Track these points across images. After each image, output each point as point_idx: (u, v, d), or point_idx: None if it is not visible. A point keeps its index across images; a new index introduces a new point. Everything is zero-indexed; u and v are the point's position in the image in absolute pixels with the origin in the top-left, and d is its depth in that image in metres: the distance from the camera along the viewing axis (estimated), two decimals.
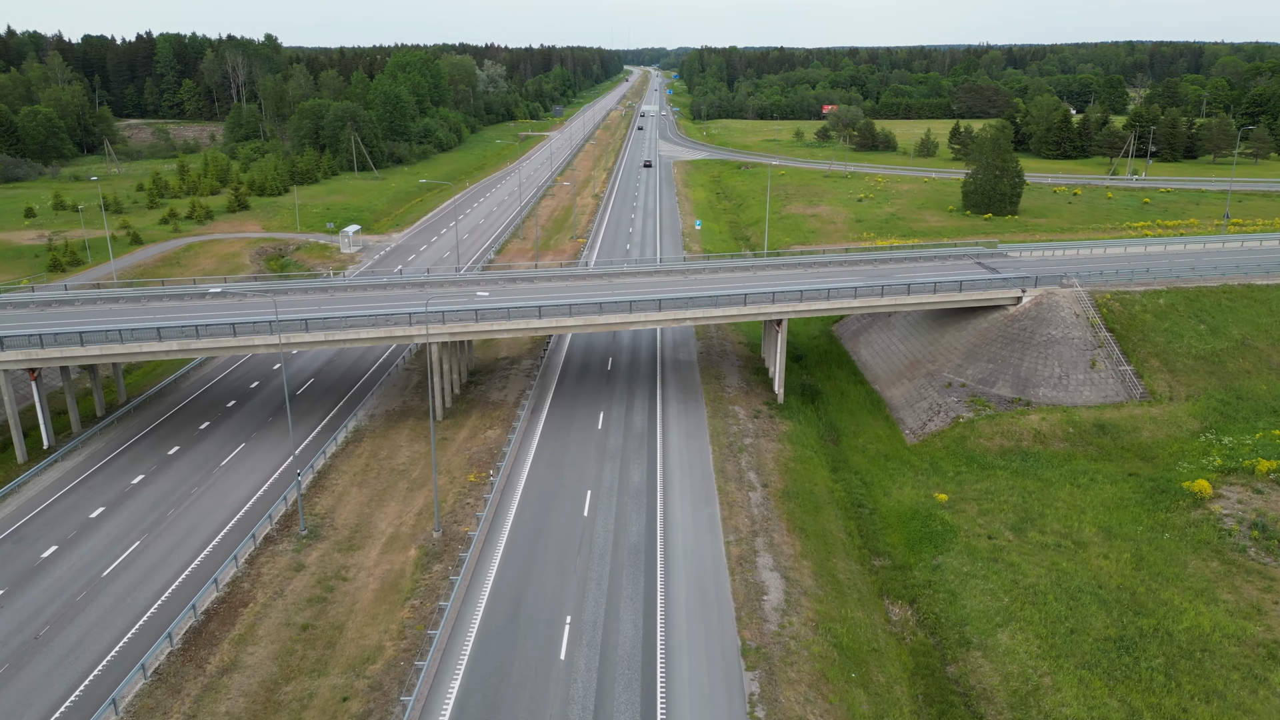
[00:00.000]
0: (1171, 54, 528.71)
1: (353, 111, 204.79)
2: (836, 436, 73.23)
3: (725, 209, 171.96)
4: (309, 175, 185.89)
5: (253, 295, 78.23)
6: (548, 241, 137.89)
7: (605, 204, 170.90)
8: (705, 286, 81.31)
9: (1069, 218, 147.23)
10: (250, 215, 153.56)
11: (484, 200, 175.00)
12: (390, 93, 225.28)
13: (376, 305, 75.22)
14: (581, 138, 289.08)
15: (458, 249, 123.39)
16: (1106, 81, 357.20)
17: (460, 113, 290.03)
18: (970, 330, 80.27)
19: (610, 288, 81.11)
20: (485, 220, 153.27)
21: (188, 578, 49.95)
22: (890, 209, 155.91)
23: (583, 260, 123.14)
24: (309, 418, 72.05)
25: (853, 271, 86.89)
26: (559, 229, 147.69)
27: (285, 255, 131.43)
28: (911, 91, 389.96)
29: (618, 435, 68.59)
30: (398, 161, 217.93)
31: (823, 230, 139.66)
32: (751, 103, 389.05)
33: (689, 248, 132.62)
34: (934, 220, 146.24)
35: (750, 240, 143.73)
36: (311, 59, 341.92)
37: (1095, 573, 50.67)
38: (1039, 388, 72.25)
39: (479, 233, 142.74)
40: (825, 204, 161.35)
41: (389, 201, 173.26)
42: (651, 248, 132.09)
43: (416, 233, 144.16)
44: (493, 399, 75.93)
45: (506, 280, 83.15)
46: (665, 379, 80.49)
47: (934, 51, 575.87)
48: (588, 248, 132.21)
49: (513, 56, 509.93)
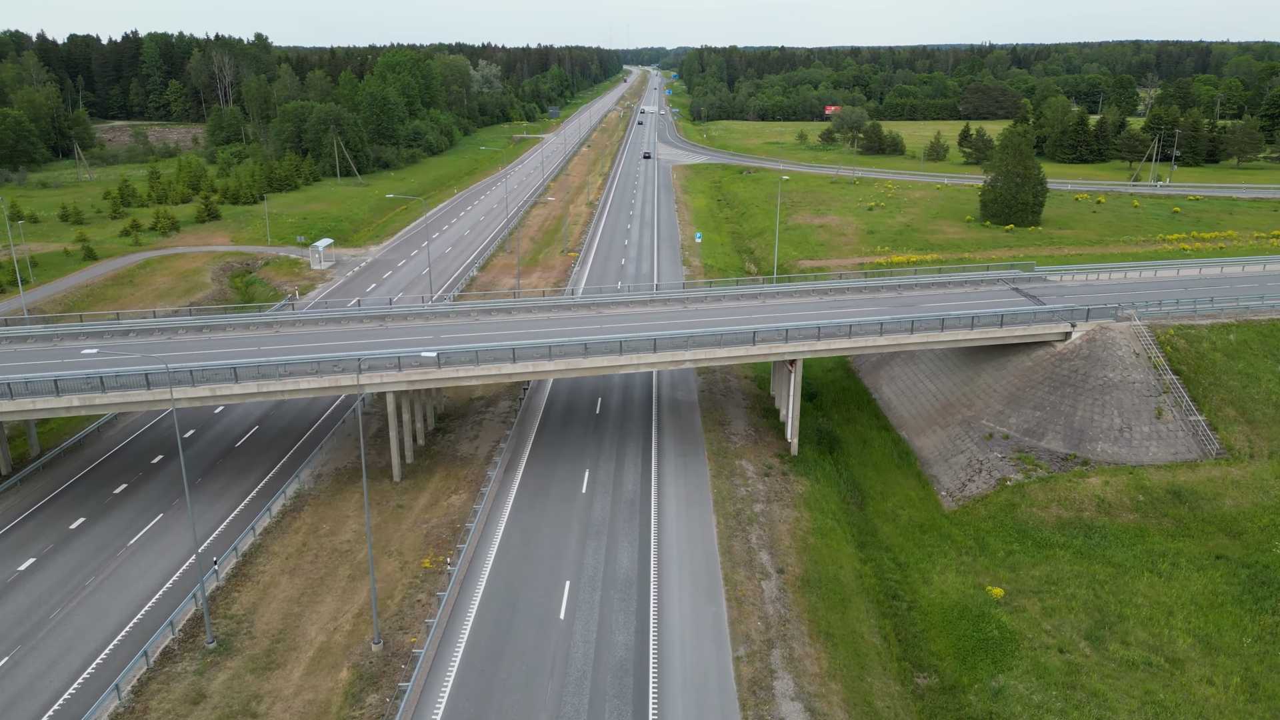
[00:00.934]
0: (1178, 53, 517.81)
1: (336, 114, 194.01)
2: (861, 498, 62.54)
3: (727, 218, 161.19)
4: (287, 181, 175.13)
5: (184, 332, 67.49)
6: (536, 256, 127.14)
7: (600, 212, 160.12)
8: (707, 319, 70.62)
9: (1096, 229, 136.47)
10: (220, 226, 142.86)
11: (472, 208, 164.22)
12: (377, 94, 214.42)
13: (330, 343, 64.57)
14: (577, 141, 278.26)
15: (430, 273, 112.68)
16: (1116, 82, 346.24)
17: (453, 114, 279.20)
18: (1011, 370, 69.58)
19: (599, 320, 70.42)
20: (471, 231, 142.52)
21: (53, 718, 39.23)
22: (903, 219, 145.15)
23: (572, 282, 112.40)
24: (244, 478, 61.31)
25: (874, 300, 76.15)
26: (549, 241, 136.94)
27: (252, 271, 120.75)
28: (916, 92, 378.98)
29: (605, 501, 57.92)
30: (384, 166, 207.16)
31: (832, 243, 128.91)
32: (753, 103, 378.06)
33: (688, 262, 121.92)
34: (951, 232, 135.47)
35: (754, 253, 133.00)
36: (302, 59, 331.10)
37: (1200, 706, 40.00)
38: (1096, 441, 61.55)
39: (463, 245, 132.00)
40: (834, 213, 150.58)
41: (371, 210, 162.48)
42: (649, 262, 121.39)
43: (397, 245, 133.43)
44: (462, 452, 65.20)
45: (480, 312, 72.38)
46: (662, 425, 69.78)
47: (936, 51, 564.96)
48: (579, 263, 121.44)
49: (509, 56, 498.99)
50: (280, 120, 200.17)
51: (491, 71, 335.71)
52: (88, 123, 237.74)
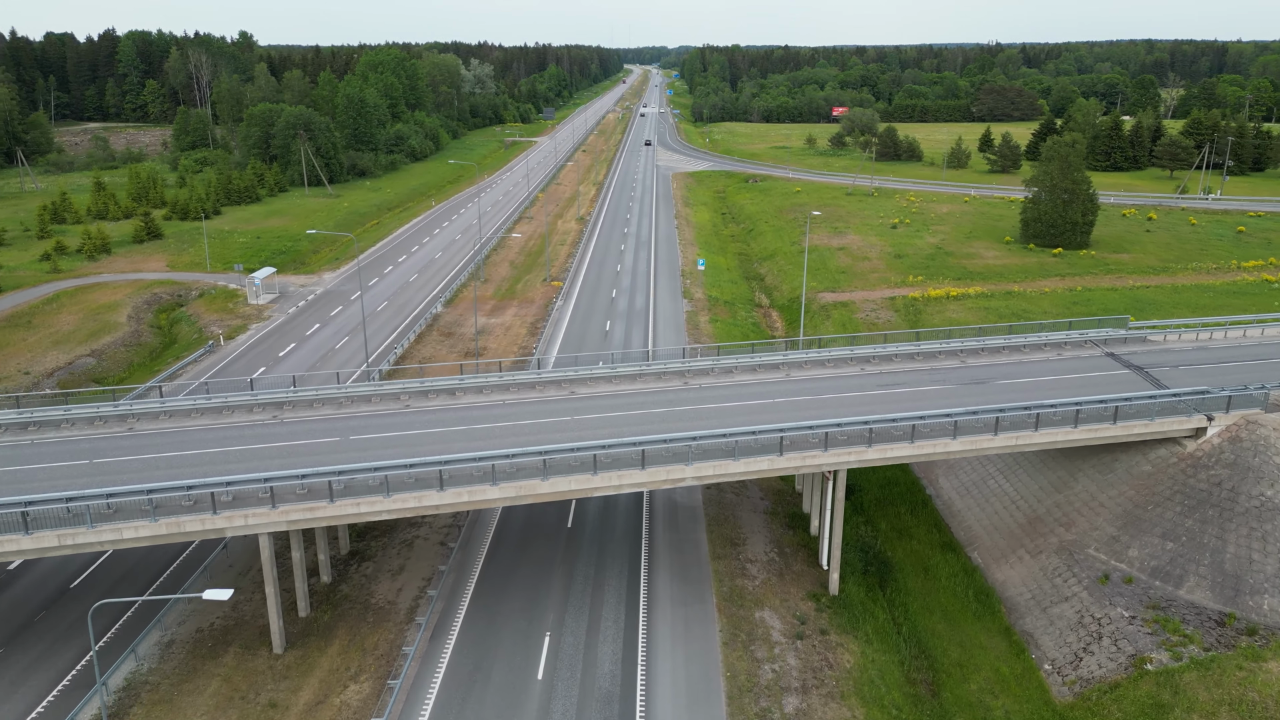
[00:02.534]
0: (1193, 53, 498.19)
1: (307, 118, 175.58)
2: (932, 673, 44.31)
3: (733, 236, 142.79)
4: (248, 193, 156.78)
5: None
6: (514, 285, 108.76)
7: (591, 230, 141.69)
8: (715, 401, 52.43)
9: (1155, 253, 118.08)
10: (160, 247, 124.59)
11: (450, 224, 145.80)
12: (354, 96, 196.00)
13: (195, 450, 46.39)
14: (572, 145, 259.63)
15: (365, 333, 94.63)
16: (1137, 82, 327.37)
17: (441, 116, 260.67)
18: (1122, 475, 51.29)
19: (571, 404, 52.21)
20: (443, 253, 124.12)
21: None
22: (933, 239, 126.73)
23: (553, 321, 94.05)
24: (59, 652, 43.04)
25: (933, 371, 57.86)
26: (531, 266, 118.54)
27: (184, 304, 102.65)
28: (927, 93, 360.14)
29: (569, 693, 39.75)
30: (361, 174, 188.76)
31: (855, 269, 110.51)
32: (756, 104, 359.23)
33: (689, 293, 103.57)
34: (990, 256, 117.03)
35: (765, 281, 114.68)
36: (285, 58, 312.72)
37: None
38: (1262, 595, 43.32)
39: (431, 272, 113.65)
40: (854, 231, 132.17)
41: (337, 225, 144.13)
42: (643, 294, 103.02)
43: (357, 270, 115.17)
44: (378, 598, 46.97)
45: (415, 394, 54.10)
46: (654, 548, 51.56)
47: (944, 50, 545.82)
48: (563, 295, 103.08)
49: (506, 55, 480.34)
50: (248, 124, 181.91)
51: (484, 71, 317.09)
52: (46, 126, 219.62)
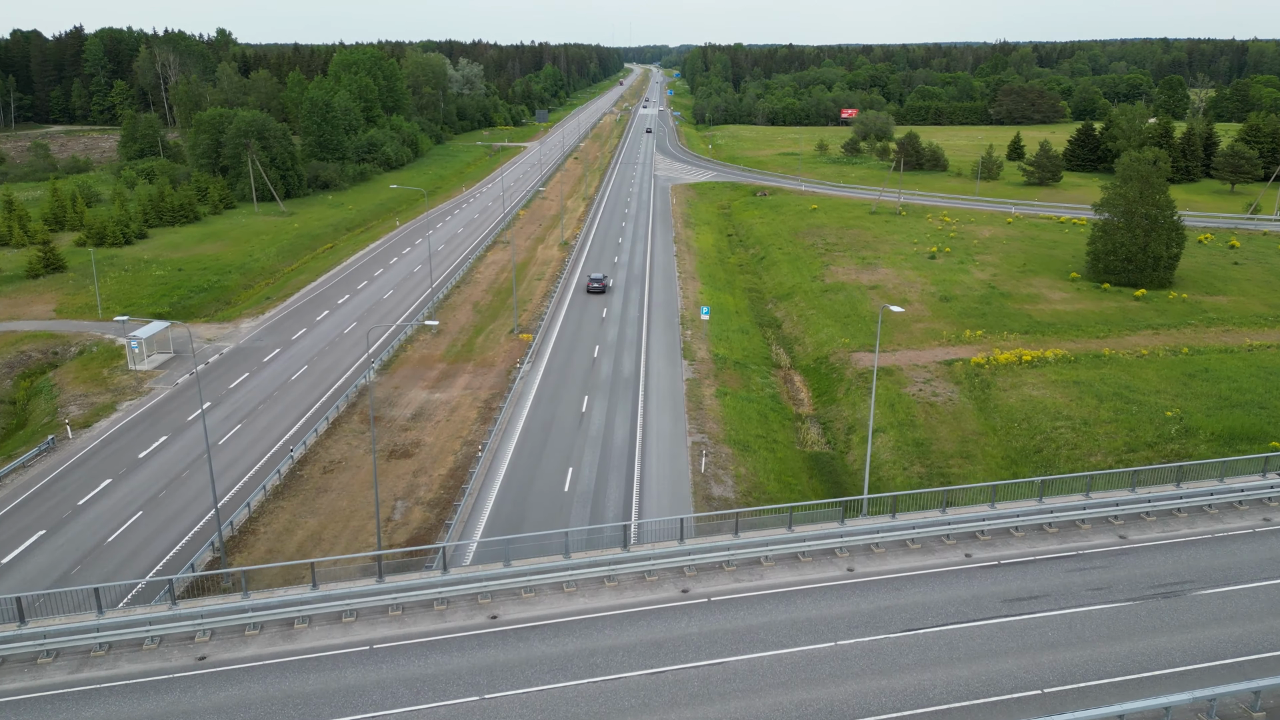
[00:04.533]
0: (1212, 51, 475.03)
1: (261, 124, 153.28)
2: None
3: (741, 265, 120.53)
4: (185, 212, 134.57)
5: None
6: (475, 338, 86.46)
7: (576, 258, 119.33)
8: (735, 646, 30.30)
9: (1256, 294, 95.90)
10: (56, 283, 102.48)
11: (411, 250, 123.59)
12: (318, 100, 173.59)
13: None
14: (563, 152, 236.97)
15: (212, 460, 72.34)
16: (1165, 82, 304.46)
17: (424, 119, 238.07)
18: None
19: (496, 647, 30.09)
20: (394, 292, 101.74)
21: None
22: (981, 273, 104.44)
23: (515, 394, 71.56)
24: None
25: (1079, 560, 35.73)
26: (499, 311, 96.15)
27: (59, 363, 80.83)
28: (940, 94, 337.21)
29: None
30: (323, 187, 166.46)
31: (895, 318, 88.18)
32: (761, 106, 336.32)
33: (690, 351, 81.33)
34: (1057, 298, 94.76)
35: (783, 330, 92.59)
36: (260, 56, 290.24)
37: None
38: None
39: (375, 318, 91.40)
40: (885, 262, 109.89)
41: (281, 252, 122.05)
42: (633, 355, 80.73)
43: (287, 314, 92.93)
44: None
45: (224, 634, 31.92)
46: None
47: (953, 49, 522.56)
48: (532, 356, 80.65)
49: (501, 54, 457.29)
50: (196, 131, 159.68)
51: (473, 71, 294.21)
52: None
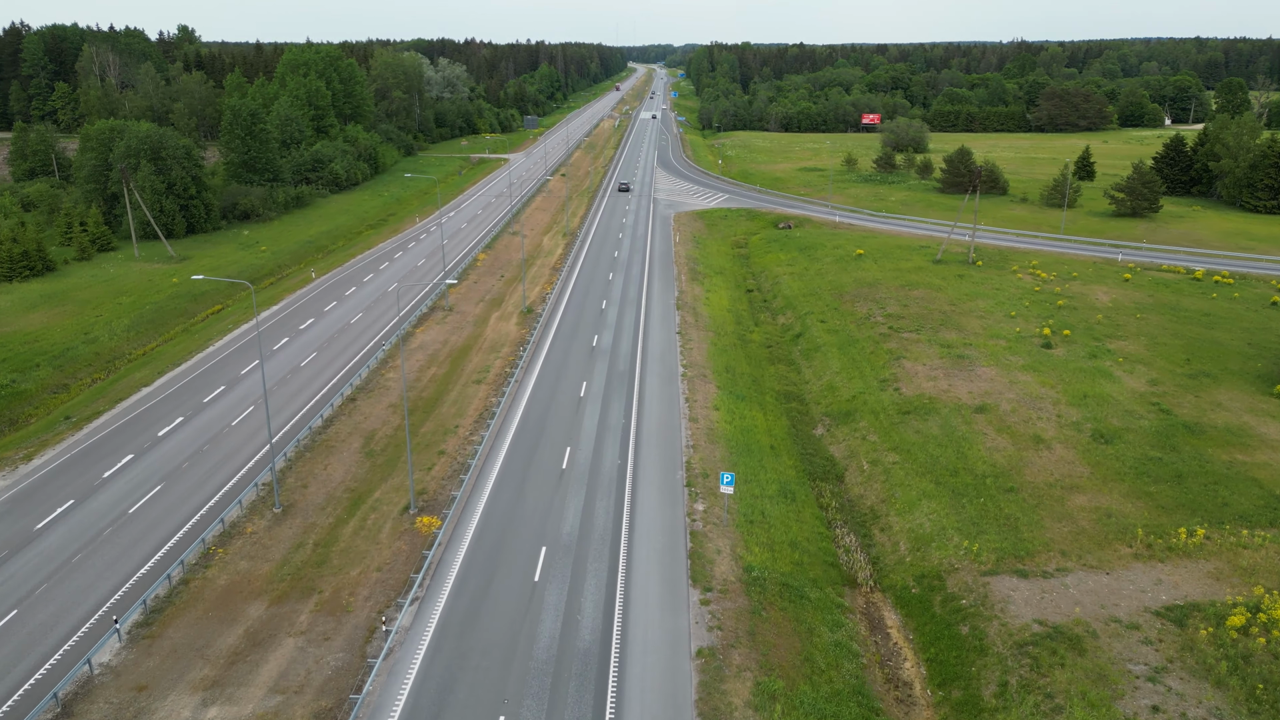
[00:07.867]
0: (1249, 51, 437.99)
1: (158, 138, 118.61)
2: None
3: (769, 346, 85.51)
4: (31, 260, 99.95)
5: None
6: (335, 534, 51.39)
7: (540, 338, 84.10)
8: None
9: None
10: None
11: (329, 312, 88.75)
12: (241, 111, 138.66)
13: None
14: (546, 169, 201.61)
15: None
16: (1224, 84, 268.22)
17: (391, 128, 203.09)
18: None
19: None
20: (253, 411, 66.81)
21: None
22: (1132, 379, 69.19)
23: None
24: None
25: None
26: (394, 462, 60.87)
27: None
28: (970, 97, 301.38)
29: None
30: (243, 218, 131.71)
31: (1037, 489, 53.05)
32: (773, 110, 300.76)
33: (704, 569, 46.28)
34: (1271, 433, 59.56)
35: (848, 489, 57.76)
36: (215, 56, 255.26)
37: None
38: None
39: (217, 456, 56.50)
40: (980, 353, 74.71)
41: (138, 324, 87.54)
42: (603, 580, 45.89)
43: (118, 427, 58.30)
44: None
45: None
46: None
47: (972, 48, 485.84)
48: (412, 599, 45.74)
49: (494, 54, 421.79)
50: (82, 149, 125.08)
51: (454, 72, 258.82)
52: None
